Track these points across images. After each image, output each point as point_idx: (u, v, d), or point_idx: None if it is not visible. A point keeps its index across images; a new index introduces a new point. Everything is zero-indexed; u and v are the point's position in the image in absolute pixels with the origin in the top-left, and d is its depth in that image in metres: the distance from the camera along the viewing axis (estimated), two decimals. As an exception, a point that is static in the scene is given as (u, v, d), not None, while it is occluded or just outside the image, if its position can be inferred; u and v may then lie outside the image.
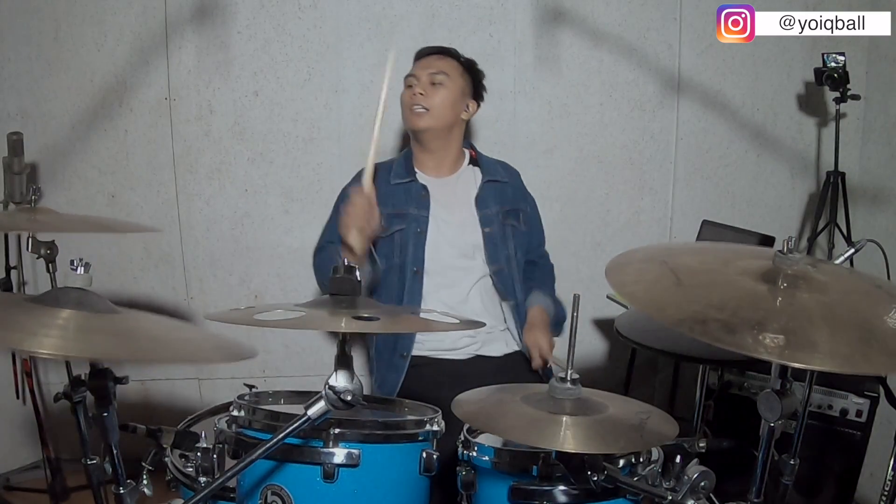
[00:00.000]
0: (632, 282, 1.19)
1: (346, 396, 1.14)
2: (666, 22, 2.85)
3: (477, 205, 2.17)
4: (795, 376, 1.19)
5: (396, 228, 2.11)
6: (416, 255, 2.10)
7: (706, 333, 0.99)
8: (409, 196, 2.15)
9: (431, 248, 2.11)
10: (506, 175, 2.28)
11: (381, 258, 2.07)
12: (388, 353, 2.12)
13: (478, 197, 2.18)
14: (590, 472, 1.23)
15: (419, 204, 2.14)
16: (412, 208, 2.13)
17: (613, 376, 2.94)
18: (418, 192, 2.15)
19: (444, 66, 2.16)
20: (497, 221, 2.17)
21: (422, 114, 2.11)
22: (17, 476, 2.73)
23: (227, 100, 2.77)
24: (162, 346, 1.13)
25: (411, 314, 1.59)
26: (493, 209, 2.18)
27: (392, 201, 2.12)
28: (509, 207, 2.22)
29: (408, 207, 2.13)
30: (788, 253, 1.14)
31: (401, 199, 2.14)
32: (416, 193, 2.15)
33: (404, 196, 2.15)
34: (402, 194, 2.15)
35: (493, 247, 2.15)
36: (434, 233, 2.12)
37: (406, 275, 2.10)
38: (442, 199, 2.16)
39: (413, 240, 2.11)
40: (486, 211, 2.17)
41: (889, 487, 1.68)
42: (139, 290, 2.85)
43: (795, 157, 2.96)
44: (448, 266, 2.13)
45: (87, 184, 2.78)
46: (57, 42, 2.69)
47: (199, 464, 1.41)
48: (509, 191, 2.26)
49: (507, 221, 2.20)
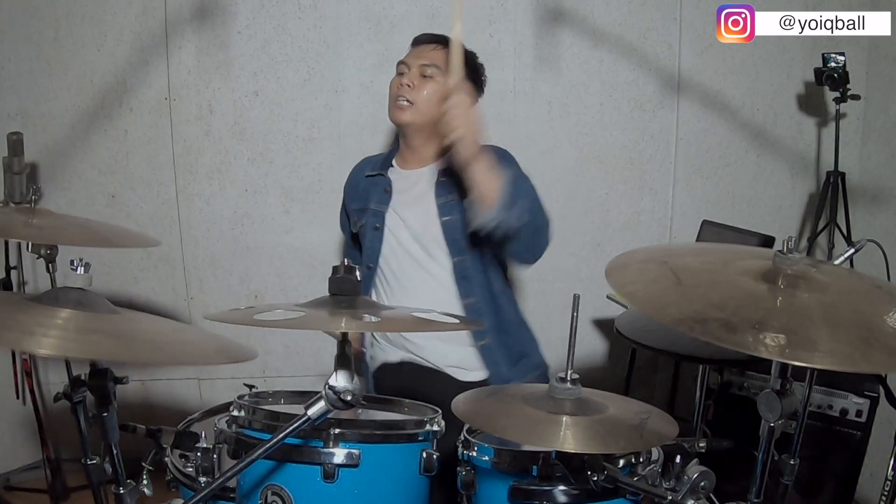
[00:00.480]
0: (632, 282, 1.20)
1: (346, 396, 1.13)
2: (666, 22, 2.85)
3: (436, 193, 1.98)
4: (795, 376, 1.19)
5: (361, 223, 2.06)
6: (371, 250, 2.02)
7: (707, 333, 0.99)
8: (374, 190, 2.05)
9: (388, 245, 2.01)
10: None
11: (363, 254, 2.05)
12: None
13: (439, 183, 1.98)
14: (590, 472, 1.23)
15: (380, 199, 2.03)
16: (373, 203, 2.04)
17: (613, 376, 2.94)
18: (382, 186, 2.05)
19: (437, 58, 1.98)
20: (458, 208, 1.93)
21: (405, 107, 1.95)
22: (17, 476, 2.73)
23: (227, 100, 2.78)
24: (162, 347, 1.13)
25: (411, 315, 1.58)
26: (456, 195, 1.94)
27: (360, 196, 2.07)
28: None
29: (369, 202, 2.05)
30: (788, 253, 1.14)
31: (365, 192, 2.07)
32: (379, 188, 2.05)
33: (370, 190, 2.06)
34: (370, 188, 2.07)
35: (453, 237, 1.96)
36: (392, 228, 2.00)
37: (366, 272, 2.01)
38: (404, 193, 2.03)
39: (369, 235, 2.02)
40: (445, 199, 1.96)
41: (889, 487, 1.68)
42: (139, 291, 2.85)
43: (795, 157, 2.97)
44: (403, 264, 2.00)
45: (87, 184, 2.78)
46: (57, 42, 2.69)
47: (199, 464, 1.41)
48: None
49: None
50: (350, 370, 1.16)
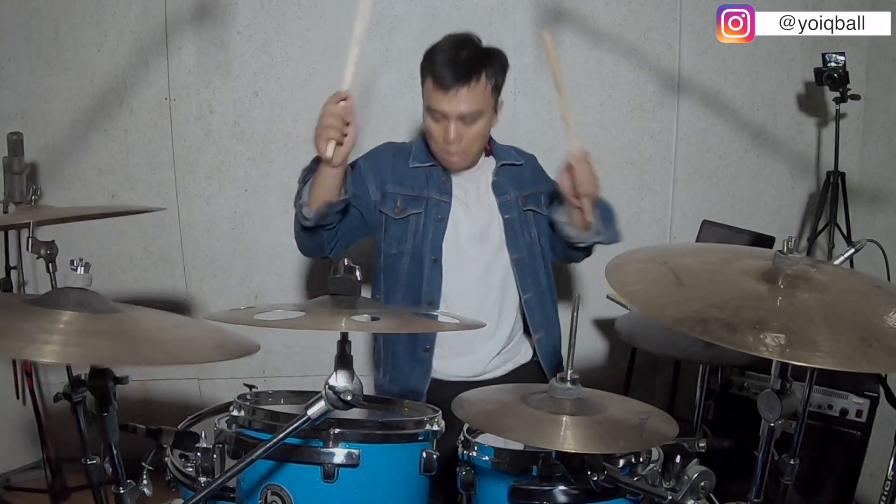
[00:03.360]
0: (632, 282, 1.19)
1: (346, 396, 1.14)
2: (666, 22, 2.85)
3: (494, 191, 2.03)
4: (795, 376, 1.19)
5: (412, 212, 1.99)
6: (434, 242, 1.98)
7: (707, 333, 0.99)
8: (431, 180, 2.00)
9: (451, 237, 2.00)
10: (520, 157, 2.12)
11: (392, 241, 2.00)
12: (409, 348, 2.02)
13: (494, 183, 2.04)
14: (590, 472, 1.23)
15: (441, 189, 2.00)
16: (433, 193, 1.99)
17: (613, 376, 2.94)
18: (440, 177, 2.00)
19: (478, 102, 1.86)
20: (516, 208, 2.04)
21: (454, 155, 1.94)
22: (17, 476, 2.73)
23: (227, 100, 2.78)
24: (163, 347, 1.13)
25: (412, 314, 1.58)
26: (512, 195, 2.04)
27: (411, 183, 2.00)
28: (529, 192, 2.08)
29: (428, 192, 1.99)
30: (788, 253, 1.14)
31: (420, 181, 2.00)
32: (437, 178, 2.01)
33: (425, 179, 2.00)
34: (423, 177, 2.01)
35: (513, 234, 2.03)
36: (454, 221, 1.99)
37: (424, 263, 1.97)
38: (463, 187, 2.03)
39: (433, 227, 1.98)
40: (504, 197, 2.03)
41: (889, 487, 1.68)
42: (139, 290, 2.85)
43: (795, 157, 2.97)
44: (465, 256, 2.01)
45: (87, 184, 2.78)
46: (57, 42, 2.69)
47: (199, 464, 1.41)
48: (526, 174, 2.11)
49: (527, 207, 2.07)
50: (350, 370, 1.16)
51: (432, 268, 1.98)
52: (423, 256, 1.98)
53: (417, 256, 1.99)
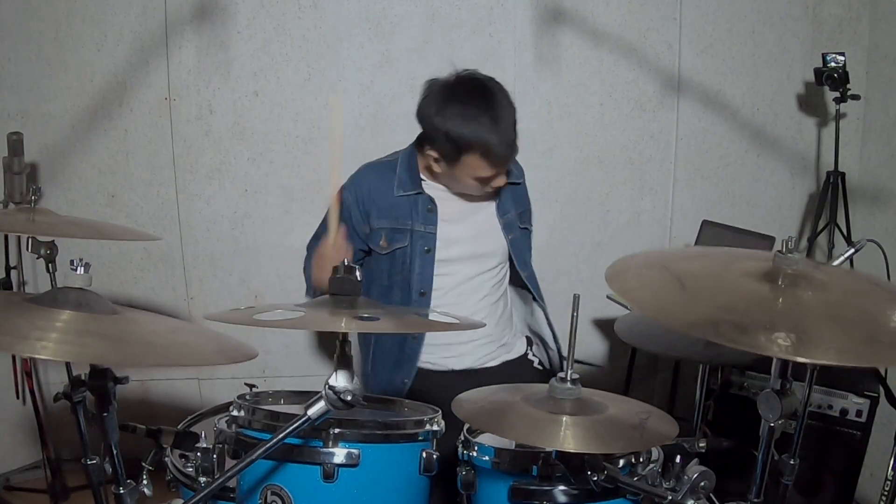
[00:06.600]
0: (637, 287, 1.19)
1: (346, 396, 1.14)
2: (666, 22, 2.85)
3: (498, 212, 2.02)
4: (795, 376, 1.19)
5: (397, 246, 1.96)
6: (422, 275, 1.95)
7: (720, 335, 0.99)
8: (416, 210, 1.96)
9: (441, 267, 1.97)
10: (519, 175, 2.11)
11: (382, 273, 1.98)
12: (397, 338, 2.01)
13: (498, 204, 2.02)
14: (590, 472, 1.23)
15: (426, 220, 1.95)
16: (418, 224, 1.95)
17: (613, 376, 2.94)
18: (425, 205, 1.96)
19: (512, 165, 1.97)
20: (516, 226, 2.05)
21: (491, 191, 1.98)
22: (17, 476, 2.73)
23: (227, 100, 2.77)
24: (161, 349, 1.13)
25: (412, 314, 1.58)
26: (513, 213, 2.04)
27: (395, 213, 1.96)
28: (522, 209, 2.11)
29: (412, 223, 1.95)
30: (788, 253, 1.14)
31: (405, 212, 1.96)
32: (422, 207, 1.96)
33: (409, 209, 1.96)
34: (407, 207, 1.96)
35: (519, 252, 2.04)
36: (442, 251, 1.96)
37: (412, 297, 1.95)
38: (450, 211, 1.98)
39: (420, 259, 1.95)
40: (507, 217, 2.03)
41: (889, 487, 1.68)
42: (139, 291, 2.85)
43: (795, 157, 2.97)
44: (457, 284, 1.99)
45: (87, 184, 2.78)
46: (57, 42, 2.69)
47: (199, 464, 1.41)
48: (521, 191, 2.12)
49: (522, 224, 2.09)
50: (350, 370, 1.16)
51: (419, 302, 1.98)
52: (410, 291, 1.97)
53: (406, 290, 1.98)
